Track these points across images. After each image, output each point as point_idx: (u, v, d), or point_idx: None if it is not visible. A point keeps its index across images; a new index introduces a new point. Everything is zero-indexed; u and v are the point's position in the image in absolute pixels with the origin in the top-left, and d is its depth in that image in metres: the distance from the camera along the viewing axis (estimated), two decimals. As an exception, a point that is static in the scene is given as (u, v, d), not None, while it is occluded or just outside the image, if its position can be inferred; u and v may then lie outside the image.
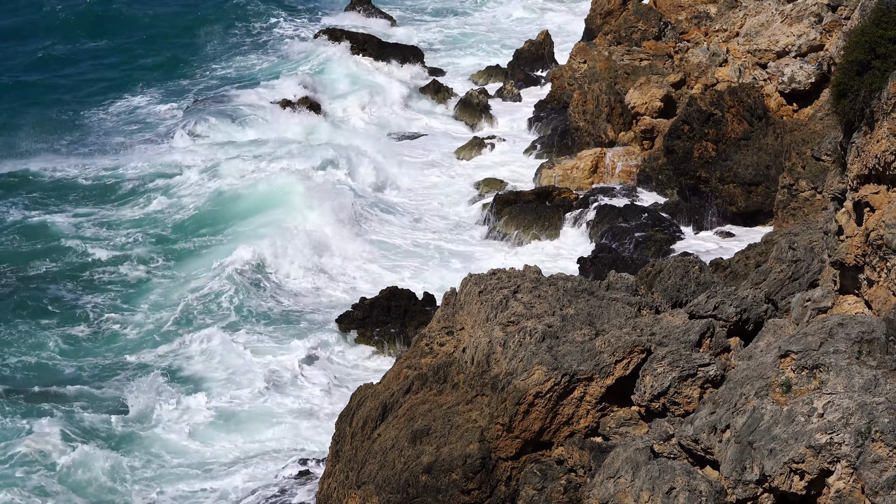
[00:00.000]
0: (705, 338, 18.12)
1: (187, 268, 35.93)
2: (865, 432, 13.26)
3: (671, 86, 43.30)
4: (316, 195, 40.28)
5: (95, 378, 28.85)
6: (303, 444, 26.12)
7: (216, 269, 35.05)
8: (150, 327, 31.91)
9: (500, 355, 18.76)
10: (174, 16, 69.01)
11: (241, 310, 32.90)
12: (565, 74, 49.06)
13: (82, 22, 66.59)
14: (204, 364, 29.55)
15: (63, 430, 25.43)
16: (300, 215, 38.79)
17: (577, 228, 38.02)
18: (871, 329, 14.53)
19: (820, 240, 21.45)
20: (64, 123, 50.76)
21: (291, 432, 26.61)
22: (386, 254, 37.47)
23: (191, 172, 43.30)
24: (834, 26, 40.09)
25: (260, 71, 59.10)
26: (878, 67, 15.88)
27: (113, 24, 66.98)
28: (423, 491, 18.17)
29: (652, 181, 40.21)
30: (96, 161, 45.31)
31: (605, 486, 15.43)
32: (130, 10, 69.27)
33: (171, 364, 29.62)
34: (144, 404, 27.32)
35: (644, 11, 50.44)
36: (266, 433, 26.57)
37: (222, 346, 30.16)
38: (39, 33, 64.87)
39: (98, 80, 57.46)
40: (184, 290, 34.12)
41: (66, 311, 32.65)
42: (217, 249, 36.95)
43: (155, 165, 44.33)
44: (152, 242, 37.61)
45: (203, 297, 33.46)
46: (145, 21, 67.73)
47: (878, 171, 15.97)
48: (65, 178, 43.36)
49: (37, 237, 37.97)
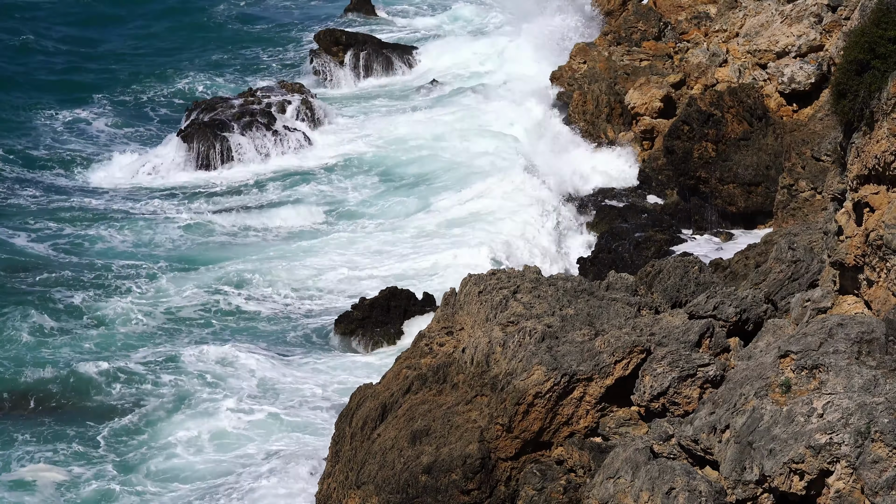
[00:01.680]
0: (705, 338, 18.13)
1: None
2: (865, 432, 13.26)
3: (671, 86, 43.30)
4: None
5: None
6: (303, 444, 26.08)
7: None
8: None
9: (500, 355, 18.76)
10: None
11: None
12: (565, 75, 49.06)
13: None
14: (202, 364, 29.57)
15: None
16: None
17: (576, 229, 38.05)
18: (870, 329, 14.54)
19: (819, 240, 21.45)
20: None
21: (291, 433, 26.56)
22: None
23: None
24: (834, 27, 40.10)
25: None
26: (878, 68, 15.88)
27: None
28: (423, 491, 18.18)
29: (652, 181, 40.22)
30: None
31: (605, 486, 15.43)
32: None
33: (169, 364, 29.58)
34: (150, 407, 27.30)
35: (644, 12, 50.40)
36: (266, 434, 26.52)
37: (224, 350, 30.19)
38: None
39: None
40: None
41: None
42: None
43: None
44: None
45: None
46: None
47: (877, 172, 15.98)
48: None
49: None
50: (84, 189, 43.42)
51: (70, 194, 42.35)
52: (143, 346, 30.52)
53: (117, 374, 28.65)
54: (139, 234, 38.48)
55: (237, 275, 35.12)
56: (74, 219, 39.48)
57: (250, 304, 33.63)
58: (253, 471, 24.66)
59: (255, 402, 27.67)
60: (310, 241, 38.20)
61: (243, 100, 49.25)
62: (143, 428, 26.46)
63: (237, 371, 29.02)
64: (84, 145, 48.36)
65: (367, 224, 39.69)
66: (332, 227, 39.89)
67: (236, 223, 39.90)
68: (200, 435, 26.02)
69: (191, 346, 30.29)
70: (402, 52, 59.76)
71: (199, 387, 28.18)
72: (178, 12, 70.47)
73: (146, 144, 48.83)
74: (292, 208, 41.46)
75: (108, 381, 28.37)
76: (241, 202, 42.39)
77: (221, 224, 39.58)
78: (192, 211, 40.85)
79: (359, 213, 40.95)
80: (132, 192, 43.11)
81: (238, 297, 33.99)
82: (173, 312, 32.72)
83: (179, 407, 27.19)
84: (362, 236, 38.51)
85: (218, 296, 33.92)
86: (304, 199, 42.55)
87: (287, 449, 25.63)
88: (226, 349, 30.00)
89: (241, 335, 31.48)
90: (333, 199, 42.66)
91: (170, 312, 32.68)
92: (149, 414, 26.96)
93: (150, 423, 26.59)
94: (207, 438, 25.94)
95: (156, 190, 43.53)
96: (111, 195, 42.69)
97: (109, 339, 30.79)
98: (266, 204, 42.31)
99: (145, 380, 28.53)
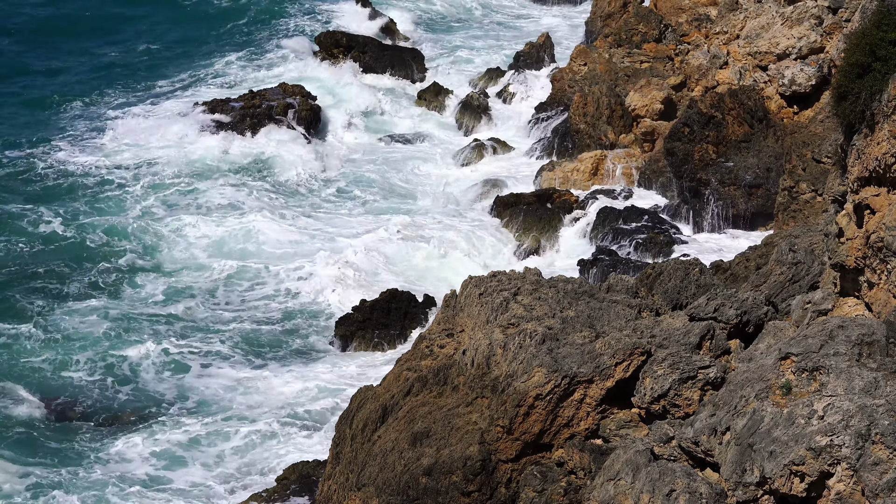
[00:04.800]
0: (705, 340, 18.12)
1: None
2: (866, 434, 13.26)
3: (671, 88, 43.32)
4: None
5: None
6: (303, 445, 26.10)
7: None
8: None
9: (501, 357, 18.77)
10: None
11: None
12: (566, 77, 49.08)
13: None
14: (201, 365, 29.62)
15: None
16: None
17: (577, 230, 38.04)
18: (871, 331, 14.53)
19: (820, 242, 21.45)
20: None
21: (292, 434, 26.58)
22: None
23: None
24: (834, 29, 40.11)
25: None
26: (879, 70, 15.90)
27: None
28: (424, 493, 18.17)
29: (652, 183, 40.21)
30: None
31: (606, 488, 15.42)
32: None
33: (166, 366, 29.61)
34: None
35: (644, 14, 50.46)
36: (265, 435, 26.54)
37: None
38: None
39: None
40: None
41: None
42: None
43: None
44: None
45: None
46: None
47: (878, 174, 15.98)
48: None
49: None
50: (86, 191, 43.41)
51: (71, 198, 42.35)
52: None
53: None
54: (142, 236, 38.44)
55: (237, 275, 35.19)
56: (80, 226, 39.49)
57: (248, 306, 33.67)
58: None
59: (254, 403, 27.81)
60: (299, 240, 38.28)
61: (244, 102, 49.27)
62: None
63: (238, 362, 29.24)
64: (85, 148, 48.33)
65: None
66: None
67: (237, 224, 39.87)
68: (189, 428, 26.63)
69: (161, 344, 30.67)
70: (404, 53, 59.77)
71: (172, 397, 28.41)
72: (178, 13, 70.43)
73: (146, 145, 48.77)
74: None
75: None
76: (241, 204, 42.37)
77: (222, 225, 39.53)
78: (192, 212, 40.80)
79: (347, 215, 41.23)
80: (133, 194, 43.05)
81: (238, 297, 34.05)
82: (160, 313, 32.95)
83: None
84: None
85: (217, 296, 34.04)
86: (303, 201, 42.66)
87: (285, 449, 25.84)
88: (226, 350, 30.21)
89: (240, 339, 31.58)
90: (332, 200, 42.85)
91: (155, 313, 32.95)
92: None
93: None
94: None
95: (155, 191, 43.50)
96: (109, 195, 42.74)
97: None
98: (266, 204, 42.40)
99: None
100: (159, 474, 25.05)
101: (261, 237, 37.69)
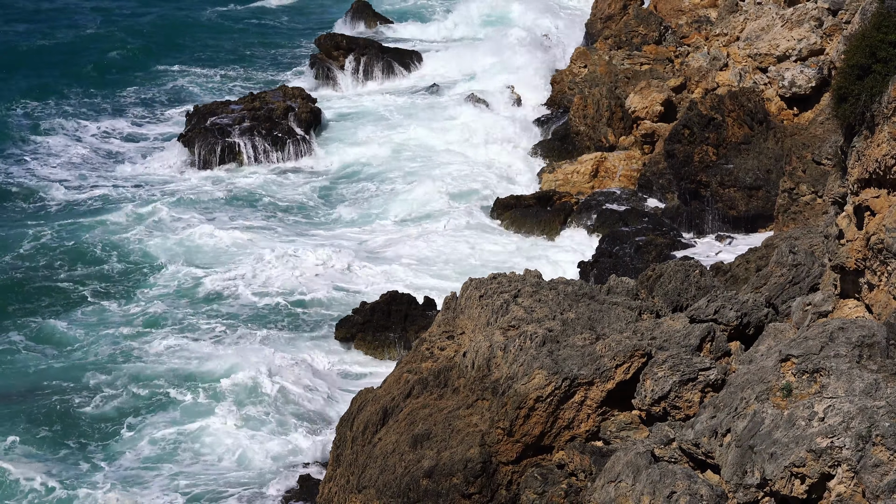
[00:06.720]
0: (706, 342, 18.12)
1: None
2: (866, 436, 13.25)
3: (672, 90, 43.34)
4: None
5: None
6: (303, 447, 26.10)
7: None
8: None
9: (501, 359, 18.76)
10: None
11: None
12: (566, 79, 49.10)
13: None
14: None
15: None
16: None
17: (577, 233, 38.05)
18: (871, 333, 14.53)
19: (820, 244, 21.45)
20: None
21: (292, 436, 26.58)
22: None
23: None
24: (834, 30, 40.14)
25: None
26: (879, 71, 15.89)
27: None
28: (424, 495, 18.17)
29: (652, 185, 40.23)
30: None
31: (606, 490, 15.42)
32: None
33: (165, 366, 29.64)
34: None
35: (644, 16, 50.51)
36: (265, 437, 26.54)
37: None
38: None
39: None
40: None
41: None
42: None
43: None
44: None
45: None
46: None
47: (878, 175, 15.98)
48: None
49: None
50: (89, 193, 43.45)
51: (73, 203, 42.38)
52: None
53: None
54: (140, 238, 38.50)
55: (236, 276, 35.27)
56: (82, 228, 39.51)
57: (248, 306, 33.72)
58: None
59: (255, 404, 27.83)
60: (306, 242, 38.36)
61: (244, 104, 49.31)
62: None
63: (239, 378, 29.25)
64: (85, 150, 48.37)
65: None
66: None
67: (236, 224, 39.93)
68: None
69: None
70: (404, 56, 59.78)
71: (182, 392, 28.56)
72: (178, 14, 70.55)
73: (146, 147, 48.82)
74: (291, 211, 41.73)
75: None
76: (242, 205, 42.45)
77: (221, 227, 39.58)
78: (194, 213, 40.84)
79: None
80: (133, 194, 43.09)
81: (236, 297, 34.11)
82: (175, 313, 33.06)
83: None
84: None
85: (217, 297, 34.11)
86: (303, 202, 42.70)
87: (285, 450, 25.88)
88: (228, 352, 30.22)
89: (242, 339, 31.65)
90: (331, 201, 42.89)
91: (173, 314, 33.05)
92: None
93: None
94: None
95: (157, 190, 43.55)
96: (114, 200, 42.78)
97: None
98: (265, 205, 42.45)
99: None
100: (159, 474, 25.08)
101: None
